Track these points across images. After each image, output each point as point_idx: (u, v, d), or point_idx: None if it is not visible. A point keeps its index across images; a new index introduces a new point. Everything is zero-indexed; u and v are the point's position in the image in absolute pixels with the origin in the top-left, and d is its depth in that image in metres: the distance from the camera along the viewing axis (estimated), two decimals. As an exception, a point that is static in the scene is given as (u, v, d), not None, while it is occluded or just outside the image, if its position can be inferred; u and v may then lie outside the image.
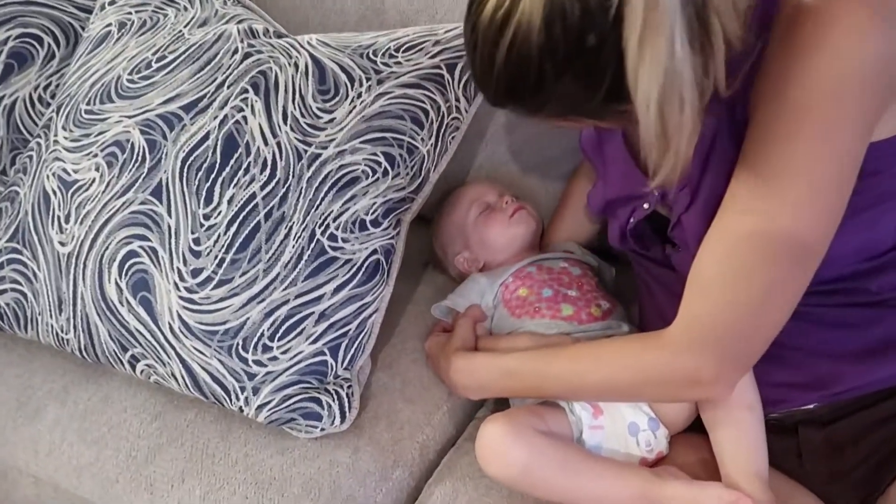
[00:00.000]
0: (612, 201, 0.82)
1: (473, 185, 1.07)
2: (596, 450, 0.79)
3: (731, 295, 0.63)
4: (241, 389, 0.81)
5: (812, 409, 0.74)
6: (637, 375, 0.71)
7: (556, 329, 0.87)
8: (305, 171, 0.85)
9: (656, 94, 0.51)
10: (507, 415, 0.76)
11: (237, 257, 0.82)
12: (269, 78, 0.88)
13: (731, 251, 0.62)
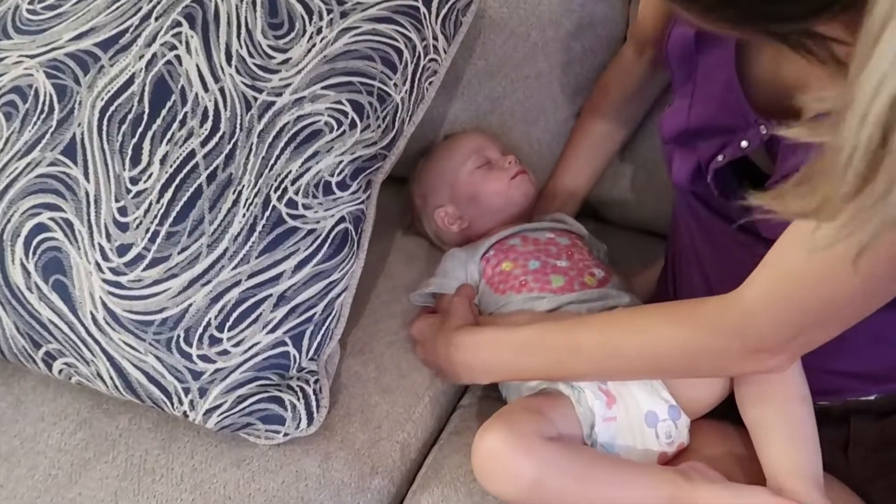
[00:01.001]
0: (696, 130, 0.67)
1: (474, 134, 0.95)
2: (609, 445, 0.68)
3: (831, 271, 0.52)
4: (185, 391, 0.67)
5: (871, 401, 0.67)
6: (695, 344, 0.61)
7: (549, 301, 0.76)
8: (256, 123, 0.70)
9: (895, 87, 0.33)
10: (505, 420, 0.63)
11: (174, 230, 0.67)
12: (208, 8, 0.72)
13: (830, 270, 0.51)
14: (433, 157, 0.95)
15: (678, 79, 0.71)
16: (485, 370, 0.72)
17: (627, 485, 0.63)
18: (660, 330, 0.63)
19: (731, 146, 0.63)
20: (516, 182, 0.90)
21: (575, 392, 0.68)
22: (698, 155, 0.66)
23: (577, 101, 0.99)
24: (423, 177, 0.94)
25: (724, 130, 0.63)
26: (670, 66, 0.72)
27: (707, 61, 0.66)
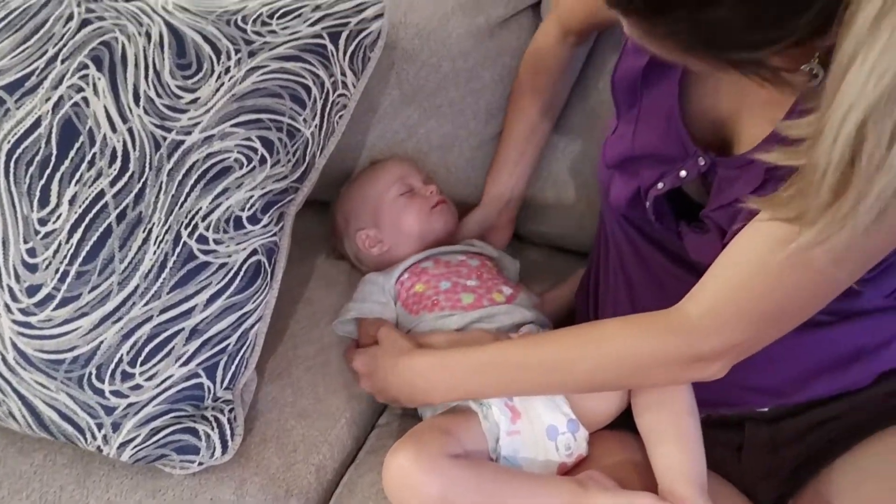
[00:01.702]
0: (639, 157, 0.70)
1: (399, 162, 0.99)
2: (512, 458, 0.73)
3: (769, 287, 0.57)
4: (98, 426, 0.68)
5: (764, 411, 0.73)
6: (647, 357, 0.65)
7: (459, 318, 0.81)
8: (165, 161, 0.72)
9: (871, 100, 0.37)
10: (414, 441, 0.67)
11: (84, 269, 0.68)
12: (115, 50, 0.74)
13: (784, 247, 0.54)
14: (359, 182, 0.98)
15: (623, 107, 0.73)
16: (441, 392, 0.74)
17: (528, 496, 0.67)
18: (615, 345, 0.66)
19: (670, 175, 0.67)
20: (437, 211, 0.94)
21: (483, 408, 0.72)
22: (639, 181, 0.70)
23: (490, 127, 1.03)
24: (348, 200, 0.98)
25: (665, 160, 0.67)
26: (616, 95, 0.74)
27: (652, 94, 0.70)
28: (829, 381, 0.71)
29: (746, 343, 0.62)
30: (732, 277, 0.59)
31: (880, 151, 0.38)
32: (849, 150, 0.39)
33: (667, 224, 0.70)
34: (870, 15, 0.37)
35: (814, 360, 0.71)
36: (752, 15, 0.42)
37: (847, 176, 0.40)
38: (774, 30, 0.42)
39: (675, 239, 0.70)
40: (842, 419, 0.72)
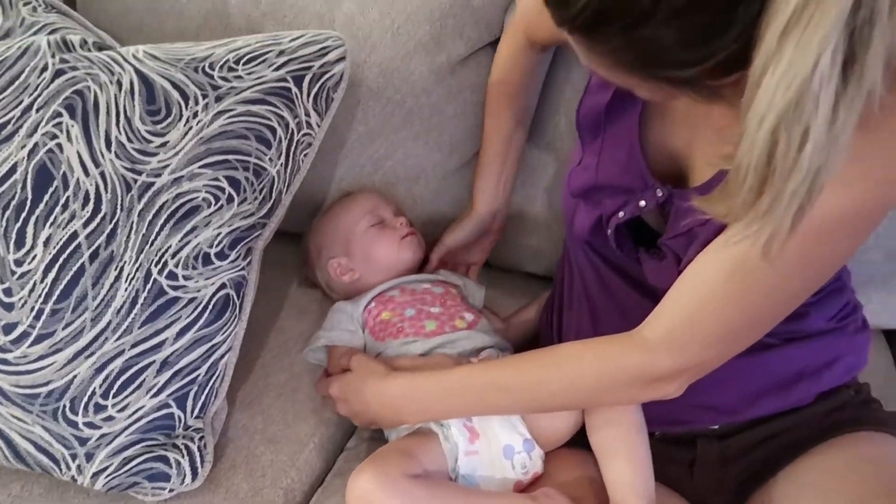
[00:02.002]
0: (601, 187, 0.75)
1: (371, 195, 1.03)
2: (470, 476, 0.76)
3: (722, 310, 0.61)
4: (73, 457, 0.72)
5: (714, 428, 0.78)
6: (608, 378, 0.68)
7: (422, 344, 0.85)
8: (136, 202, 0.76)
9: (779, 108, 0.41)
10: (375, 463, 0.71)
11: (58, 307, 0.72)
12: (88, 99, 0.78)
13: (735, 270, 0.60)
14: (331, 213, 1.02)
15: (587, 141, 0.77)
16: (413, 414, 0.78)
17: None
18: (578, 367, 0.69)
19: (630, 204, 0.71)
20: (406, 242, 0.98)
21: (443, 430, 0.76)
22: (602, 210, 0.74)
23: (454, 158, 1.07)
24: (321, 229, 1.02)
25: (626, 190, 0.71)
26: (581, 130, 0.78)
27: (614, 128, 0.74)
28: (774, 401, 0.76)
29: (702, 363, 0.66)
30: (688, 302, 0.63)
31: (792, 153, 0.42)
32: (765, 153, 0.43)
33: (627, 251, 0.74)
34: (776, 31, 0.41)
35: (761, 381, 0.75)
36: (681, 33, 0.45)
37: (765, 177, 0.44)
38: (702, 48, 0.46)
39: (635, 265, 0.74)
40: (785, 435, 0.76)
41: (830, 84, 0.41)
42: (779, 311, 0.63)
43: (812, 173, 0.43)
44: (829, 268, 0.61)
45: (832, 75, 0.41)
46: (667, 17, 0.44)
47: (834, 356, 0.76)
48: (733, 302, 0.61)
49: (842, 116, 0.42)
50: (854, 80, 0.41)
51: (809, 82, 0.40)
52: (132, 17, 1.07)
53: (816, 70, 0.40)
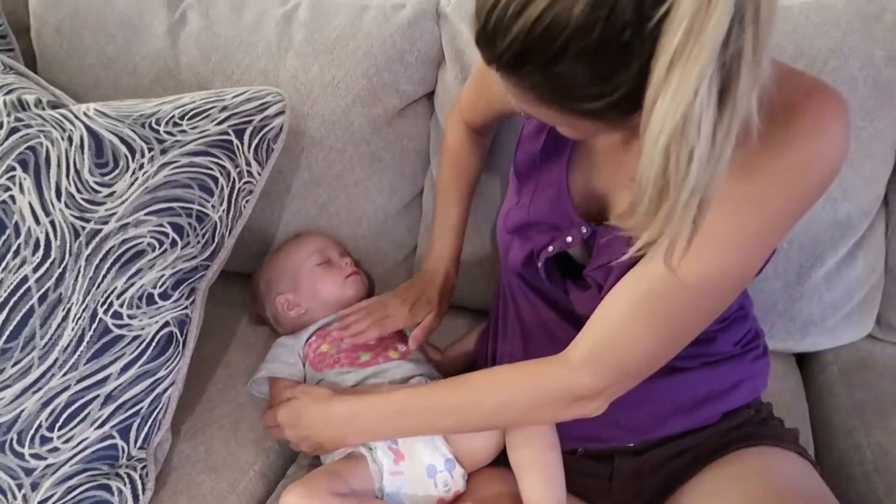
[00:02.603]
0: (533, 224, 0.81)
1: (319, 236, 1.10)
2: (395, 494, 0.82)
3: (638, 332, 0.67)
4: (19, 487, 0.77)
5: (631, 447, 0.84)
6: (537, 398, 0.73)
7: (355, 375, 0.91)
8: (84, 248, 0.83)
9: (669, 129, 0.49)
10: (304, 482, 0.77)
11: (8, 346, 0.78)
12: (40, 153, 0.85)
13: (648, 294, 0.66)
14: (281, 251, 1.09)
15: (522, 184, 0.84)
16: (358, 435, 0.82)
17: None
18: (510, 388, 0.74)
19: (558, 240, 0.78)
20: (350, 280, 1.05)
21: (371, 453, 0.82)
22: (533, 244, 0.81)
23: (393, 202, 1.15)
24: (270, 266, 1.08)
25: (555, 227, 0.78)
26: (517, 174, 0.85)
27: (546, 172, 0.81)
28: (684, 420, 0.82)
29: (621, 382, 0.71)
30: (607, 325, 0.69)
31: (682, 168, 0.50)
32: (660, 168, 0.51)
33: (555, 282, 0.81)
34: (664, 65, 0.48)
35: (673, 402, 0.82)
36: (590, 71, 0.52)
37: (661, 188, 0.52)
38: (607, 83, 0.52)
39: (563, 295, 0.81)
40: (693, 450, 0.83)
41: (709, 110, 0.48)
42: (691, 329, 0.69)
43: (700, 187, 0.51)
44: (735, 283, 0.67)
45: (710, 103, 0.48)
46: (576, 57, 0.51)
47: (738, 380, 0.84)
48: (648, 323, 0.67)
49: (720, 139, 0.50)
50: (728, 108, 0.49)
51: (692, 107, 0.48)
52: (89, 74, 1.14)
53: (697, 97, 0.48)
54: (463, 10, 1.07)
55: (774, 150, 0.60)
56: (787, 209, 0.63)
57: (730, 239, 0.63)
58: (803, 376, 1.13)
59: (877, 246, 1.05)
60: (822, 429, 1.04)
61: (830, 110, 0.61)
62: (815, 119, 0.60)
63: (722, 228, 0.62)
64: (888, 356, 1.09)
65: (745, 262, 0.66)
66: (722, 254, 0.64)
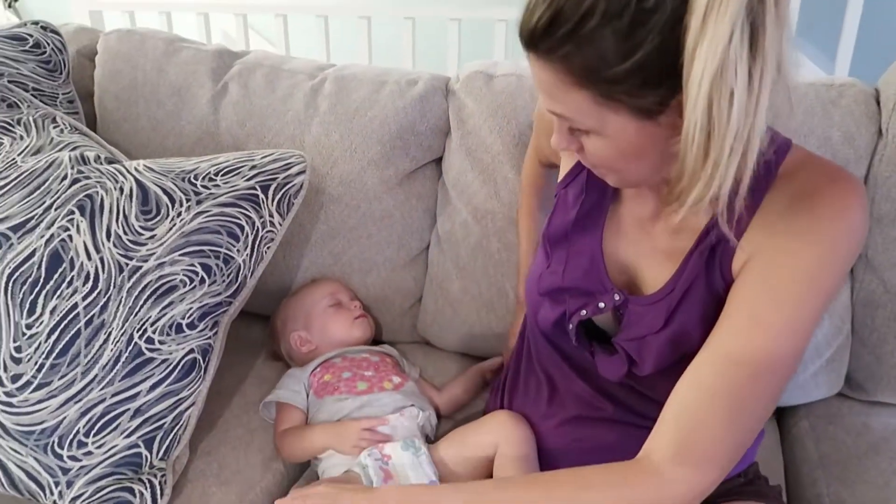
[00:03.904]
0: (566, 289, 0.83)
1: (332, 281, 1.23)
2: None
3: (719, 421, 0.67)
4: (56, 484, 0.89)
5: None
6: (628, 500, 0.68)
7: (351, 402, 1.01)
8: (126, 282, 0.97)
9: (710, 75, 0.54)
10: (298, 492, 0.86)
11: (56, 362, 0.91)
12: (95, 200, 1.00)
13: (720, 379, 0.67)
14: (297, 293, 1.22)
15: (553, 250, 0.87)
16: None
17: None
18: (594, 492, 0.69)
19: (591, 305, 0.81)
20: (357, 322, 1.17)
21: (363, 471, 0.92)
22: (565, 307, 0.83)
23: (402, 254, 1.27)
24: (287, 307, 1.21)
25: (588, 293, 0.81)
26: (548, 241, 0.88)
27: (579, 241, 0.84)
28: None
29: (712, 481, 0.68)
30: (689, 411, 0.68)
31: (724, 111, 0.55)
32: (705, 112, 0.56)
33: (582, 345, 0.84)
34: (699, 15, 0.54)
35: None
36: (613, 29, 0.57)
37: (707, 133, 0.56)
38: (631, 39, 0.57)
39: (588, 357, 0.85)
40: None
41: (743, 54, 0.54)
42: (764, 410, 0.68)
43: (744, 134, 0.56)
44: (790, 357, 0.67)
45: (742, 48, 0.54)
46: (602, 17, 0.57)
47: None
48: (728, 410, 0.66)
49: (756, 84, 0.56)
50: (760, 55, 0.55)
51: (727, 51, 0.54)
52: (141, 135, 1.31)
53: (731, 42, 0.54)
54: (468, 87, 1.22)
55: (802, 236, 0.66)
56: (820, 287, 0.67)
57: (800, 276, 0.67)
58: (780, 429, 1.20)
59: (841, 309, 1.14)
60: (793, 479, 1.11)
61: (851, 196, 0.67)
62: (839, 203, 0.66)
63: (792, 266, 0.66)
64: (854, 412, 1.16)
65: (792, 339, 0.68)
66: (772, 334, 0.67)
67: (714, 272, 0.73)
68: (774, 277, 0.68)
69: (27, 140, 1.08)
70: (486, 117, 1.18)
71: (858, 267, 1.14)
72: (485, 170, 1.19)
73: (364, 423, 0.97)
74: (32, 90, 1.20)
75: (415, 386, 1.09)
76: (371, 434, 0.96)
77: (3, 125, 1.10)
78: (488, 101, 1.18)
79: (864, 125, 1.06)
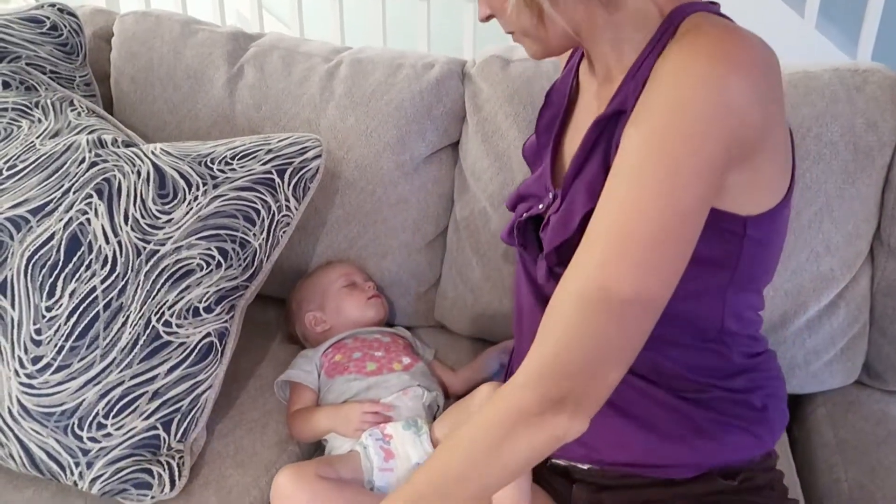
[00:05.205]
0: (521, 196, 0.85)
1: (346, 263, 1.24)
2: (386, 488, 0.93)
3: (574, 336, 0.62)
4: (76, 465, 0.90)
5: (586, 470, 0.83)
6: (492, 432, 0.64)
7: (359, 383, 1.02)
8: (144, 265, 0.97)
9: None
10: (295, 465, 0.89)
11: (76, 345, 0.92)
12: (113, 184, 1.01)
13: (580, 298, 0.62)
14: (313, 274, 1.23)
15: (531, 167, 0.89)
16: None
17: None
18: (468, 434, 0.66)
19: (533, 208, 0.80)
20: (371, 302, 1.18)
21: (364, 450, 0.93)
22: (516, 216, 0.84)
23: (416, 239, 1.27)
24: (302, 288, 1.22)
25: (533, 197, 0.81)
26: (527, 159, 0.91)
27: (541, 151, 0.85)
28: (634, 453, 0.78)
29: (578, 387, 0.62)
30: (543, 333, 0.64)
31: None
32: None
33: (531, 252, 0.82)
34: None
35: (638, 424, 0.77)
36: None
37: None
38: None
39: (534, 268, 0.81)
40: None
41: None
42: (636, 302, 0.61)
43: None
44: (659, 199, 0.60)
45: None
46: None
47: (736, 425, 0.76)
48: (578, 322, 0.62)
49: None
50: None
51: None
52: (157, 119, 1.31)
53: None
54: (485, 72, 1.21)
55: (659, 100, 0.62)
56: (666, 154, 0.60)
57: (619, 190, 0.62)
58: (795, 416, 1.20)
59: (859, 298, 1.13)
60: (806, 466, 1.11)
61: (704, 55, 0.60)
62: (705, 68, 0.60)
63: (612, 182, 0.62)
64: (873, 400, 1.15)
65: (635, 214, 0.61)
66: (615, 206, 0.62)
67: (610, 145, 0.69)
68: (628, 145, 0.63)
69: (45, 123, 1.09)
70: (501, 103, 1.17)
71: (879, 254, 1.13)
72: (501, 155, 1.18)
73: (366, 407, 0.98)
74: (50, 73, 1.20)
75: (425, 367, 1.10)
76: (373, 417, 0.97)
77: (22, 108, 1.10)
78: (504, 86, 1.17)
79: (889, 111, 1.05)
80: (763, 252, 0.73)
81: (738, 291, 0.74)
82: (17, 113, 1.09)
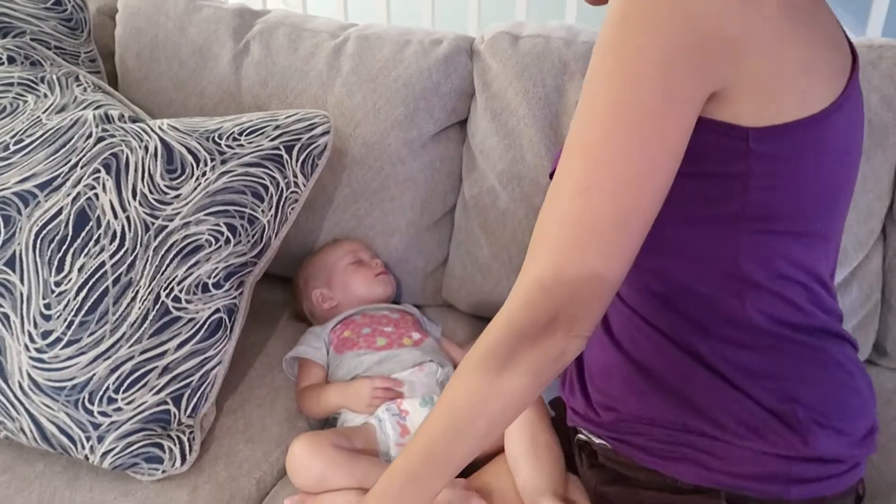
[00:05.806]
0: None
1: (352, 240, 1.23)
2: None
3: (557, 250, 0.60)
4: (87, 439, 0.90)
5: (606, 448, 0.79)
6: (501, 352, 0.63)
7: (370, 357, 1.02)
8: (152, 241, 0.97)
9: None
10: (311, 434, 0.90)
11: (86, 319, 0.92)
12: (121, 159, 1.00)
13: (559, 208, 0.60)
14: (320, 251, 1.23)
15: None
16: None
17: None
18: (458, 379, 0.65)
19: None
20: (379, 279, 1.17)
21: (380, 424, 0.93)
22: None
23: (424, 217, 1.26)
24: (309, 265, 1.22)
25: None
26: None
27: None
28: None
29: (565, 305, 0.60)
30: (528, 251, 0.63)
31: None
32: None
33: None
34: None
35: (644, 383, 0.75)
36: None
37: None
38: None
39: None
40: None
41: None
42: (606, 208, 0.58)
43: None
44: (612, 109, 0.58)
45: None
46: None
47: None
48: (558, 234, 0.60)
49: None
50: None
51: None
52: (163, 95, 1.30)
53: None
54: (493, 49, 1.20)
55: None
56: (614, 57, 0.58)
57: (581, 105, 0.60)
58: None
59: (871, 276, 1.12)
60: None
61: None
62: None
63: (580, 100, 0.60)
64: (882, 380, 1.15)
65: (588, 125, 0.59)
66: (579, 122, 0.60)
67: None
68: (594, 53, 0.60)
69: (51, 98, 1.08)
70: (511, 80, 1.16)
71: (891, 233, 1.12)
72: (510, 133, 1.17)
73: (378, 382, 0.97)
74: (55, 48, 1.19)
75: (435, 343, 1.10)
76: (384, 392, 0.97)
77: (28, 83, 1.10)
78: (514, 62, 1.16)
79: (903, 88, 1.04)
80: (781, 181, 0.64)
81: (759, 231, 0.66)
82: (22, 88, 1.08)
